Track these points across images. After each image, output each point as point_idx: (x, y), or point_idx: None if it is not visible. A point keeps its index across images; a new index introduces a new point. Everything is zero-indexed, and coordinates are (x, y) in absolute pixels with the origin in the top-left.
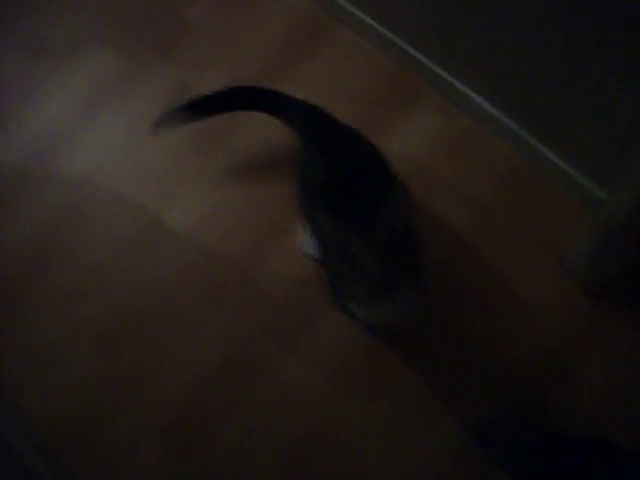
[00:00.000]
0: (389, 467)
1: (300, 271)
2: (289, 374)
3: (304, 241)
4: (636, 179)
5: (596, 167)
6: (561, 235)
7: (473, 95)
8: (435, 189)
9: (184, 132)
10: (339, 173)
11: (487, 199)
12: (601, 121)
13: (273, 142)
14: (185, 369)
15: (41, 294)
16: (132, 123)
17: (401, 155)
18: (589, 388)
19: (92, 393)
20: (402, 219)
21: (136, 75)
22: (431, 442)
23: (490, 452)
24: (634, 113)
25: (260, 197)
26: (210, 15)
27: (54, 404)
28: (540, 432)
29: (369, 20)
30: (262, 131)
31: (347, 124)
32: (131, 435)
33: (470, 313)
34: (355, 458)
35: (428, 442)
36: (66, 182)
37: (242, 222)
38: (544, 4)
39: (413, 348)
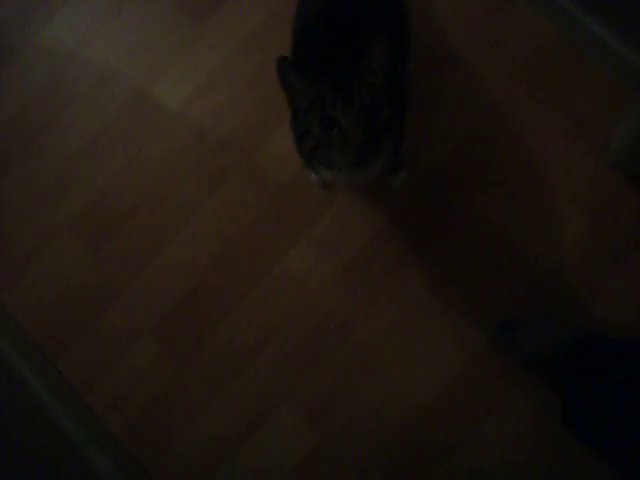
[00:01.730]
0: (403, 366)
1: None
2: (292, 265)
3: None
4: None
5: None
6: (603, 116)
7: None
8: (462, 64)
9: None
10: (329, 15)
11: (519, 75)
12: None
13: (271, 11)
14: (177, 258)
15: (24, 185)
16: None
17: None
18: (626, 287)
19: (80, 290)
20: (385, 73)
21: None
22: (450, 342)
23: (516, 353)
24: None
25: (257, 69)
26: None
27: (41, 305)
28: (572, 332)
29: None
30: None
31: None
32: (123, 333)
33: (496, 198)
34: (367, 355)
35: (446, 341)
36: (46, 54)
37: (238, 97)
38: None
39: (432, 239)
